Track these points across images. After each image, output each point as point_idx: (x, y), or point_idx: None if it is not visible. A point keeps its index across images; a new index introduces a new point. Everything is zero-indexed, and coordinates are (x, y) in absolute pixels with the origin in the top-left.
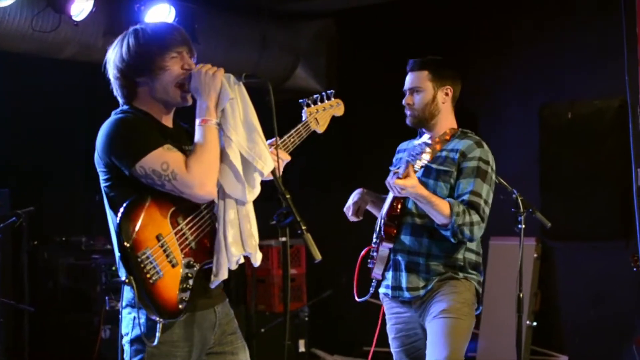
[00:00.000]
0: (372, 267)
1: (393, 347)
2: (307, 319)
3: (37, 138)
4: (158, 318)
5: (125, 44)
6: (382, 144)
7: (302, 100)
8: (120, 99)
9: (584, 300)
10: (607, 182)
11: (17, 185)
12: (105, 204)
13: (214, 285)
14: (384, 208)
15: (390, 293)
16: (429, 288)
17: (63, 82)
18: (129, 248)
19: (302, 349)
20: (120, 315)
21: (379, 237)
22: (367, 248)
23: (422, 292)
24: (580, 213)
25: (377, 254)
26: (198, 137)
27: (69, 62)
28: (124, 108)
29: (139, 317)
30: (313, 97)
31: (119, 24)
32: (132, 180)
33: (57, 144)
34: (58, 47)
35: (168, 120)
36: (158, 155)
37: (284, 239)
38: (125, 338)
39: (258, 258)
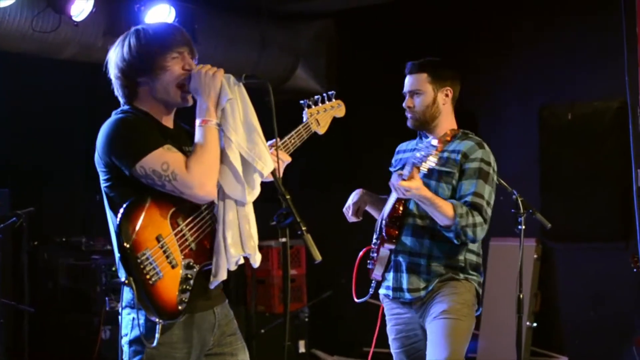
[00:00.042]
0: (371, 267)
1: (393, 348)
2: (307, 320)
3: (37, 138)
4: (157, 319)
5: (127, 44)
6: (382, 144)
7: (303, 102)
8: (121, 99)
9: (584, 301)
10: (607, 182)
11: (17, 185)
12: (105, 205)
13: (213, 286)
14: (386, 209)
15: (391, 294)
16: (430, 289)
17: (63, 82)
18: (129, 249)
19: (302, 350)
20: (120, 316)
21: (380, 238)
22: (365, 249)
23: (422, 293)
24: (580, 214)
25: (377, 255)
26: (198, 137)
27: (69, 62)
28: (125, 108)
29: (138, 317)
30: (314, 98)
31: (119, 25)
32: (132, 181)
33: (57, 144)
34: (58, 47)
35: (169, 121)
36: (158, 156)
37: (284, 240)
38: (125, 339)
39: (257, 259)
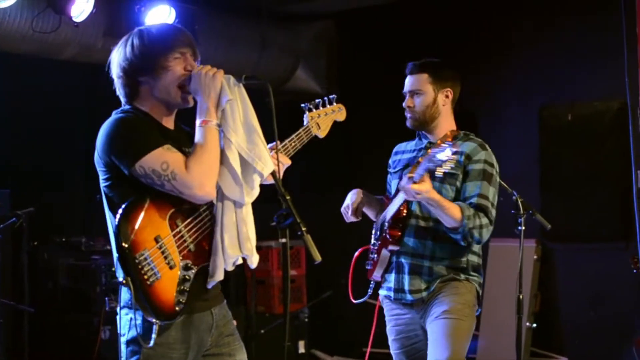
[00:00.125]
0: (369, 268)
1: (393, 349)
2: (307, 320)
3: (37, 138)
4: (155, 319)
5: (130, 44)
6: (382, 145)
7: (303, 105)
8: (122, 99)
9: (584, 302)
10: (607, 183)
11: (17, 186)
12: (105, 205)
13: (211, 286)
14: (389, 211)
15: (393, 295)
16: (431, 290)
17: (63, 82)
18: (127, 249)
19: (302, 350)
20: (118, 316)
21: (383, 239)
22: (360, 249)
23: (424, 294)
24: (580, 214)
25: (377, 256)
26: (198, 137)
27: (69, 62)
28: (125, 108)
29: (136, 318)
30: (315, 101)
31: (119, 25)
32: (131, 181)
33: (57, 145)
34: (58, 48)
35: (169, 122)
36: (158, 155)
37: (284, 240)
38: (122, 339)
39: (254, 260)
